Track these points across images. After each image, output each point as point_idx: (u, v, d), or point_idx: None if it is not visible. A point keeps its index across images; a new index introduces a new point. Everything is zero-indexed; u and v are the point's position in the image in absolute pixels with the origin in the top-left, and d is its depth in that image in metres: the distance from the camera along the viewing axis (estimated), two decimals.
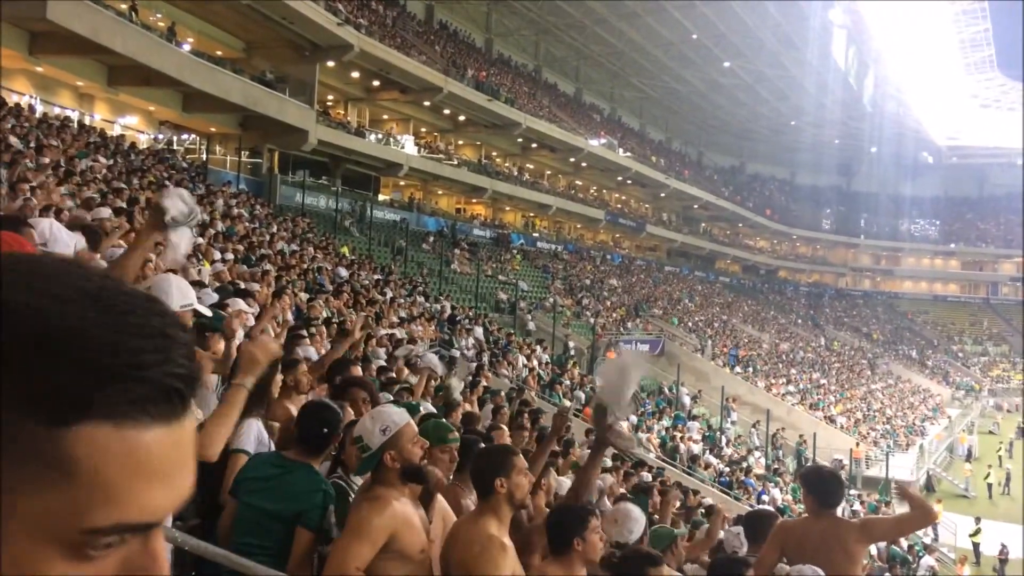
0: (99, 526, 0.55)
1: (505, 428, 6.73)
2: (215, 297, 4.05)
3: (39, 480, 0.53)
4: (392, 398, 5.88)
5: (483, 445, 4.14)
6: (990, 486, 31.35)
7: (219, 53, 26.81)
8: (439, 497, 3.54)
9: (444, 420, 4.34)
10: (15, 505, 0.53)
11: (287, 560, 3.11)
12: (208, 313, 3.34)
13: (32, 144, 13.84)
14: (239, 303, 5.84)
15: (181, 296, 2.97)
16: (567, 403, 18.39)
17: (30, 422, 0.53)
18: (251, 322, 6.08)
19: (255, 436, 3.54)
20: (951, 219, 75.73)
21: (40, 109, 20.49)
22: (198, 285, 6.59)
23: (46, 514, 0.54)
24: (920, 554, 20.56)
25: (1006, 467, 33.46)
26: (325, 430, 3.29)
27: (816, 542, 4.28)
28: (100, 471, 0.54)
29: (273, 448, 3.65)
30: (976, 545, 23.98)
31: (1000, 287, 71.61)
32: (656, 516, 6.72)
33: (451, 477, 4.02)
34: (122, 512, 0.56)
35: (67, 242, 3.58)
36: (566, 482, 5.77)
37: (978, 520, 24.55)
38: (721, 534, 6.46)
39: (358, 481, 3.47)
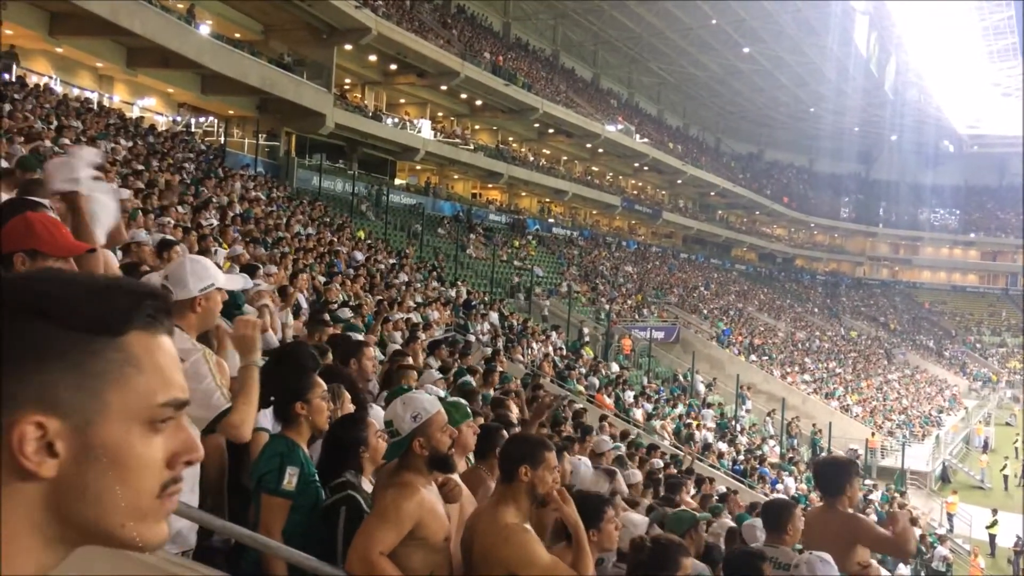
0: (164, 400, 0.85)
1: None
2: (248, 283, 4.03)
3: (123, 376, 0.83)
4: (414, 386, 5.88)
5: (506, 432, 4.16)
6: (1006, 478, 31.18)
7: (237, 36, 26.83)
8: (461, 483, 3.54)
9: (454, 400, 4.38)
10: (107, 399, 0.82)
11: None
12: (236, 287, 3.34)
13: (53, 125, 13.91)
14: (259, 284, 5.86)
15: (197, 280, 2.97)
16: (580, 389, 18.44)
17: (101, 337, 0.82)
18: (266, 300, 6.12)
19: (270, 416, 3.54)
20: (971, 208, 74.94)
21: (59, 90, 20.58)
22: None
23: (133, 398, 0.83)
24: (934, 544, 20.50)
25: (1022, 459, 33.25)
26: (272, 397, 3.25)
27: (819, 532, 4.43)
28: (156, 361, 0.86)
29: None
30: (992, 537, 23.88)
31: (1019, 278, 70.82)
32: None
33: (472, 459, 4.02)
34: (174, 390, 0.86)
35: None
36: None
37: (995, 512, 24.43)
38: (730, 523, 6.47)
39: (367, 484, 3.47)
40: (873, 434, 31.81)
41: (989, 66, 63.61)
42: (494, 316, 21.05)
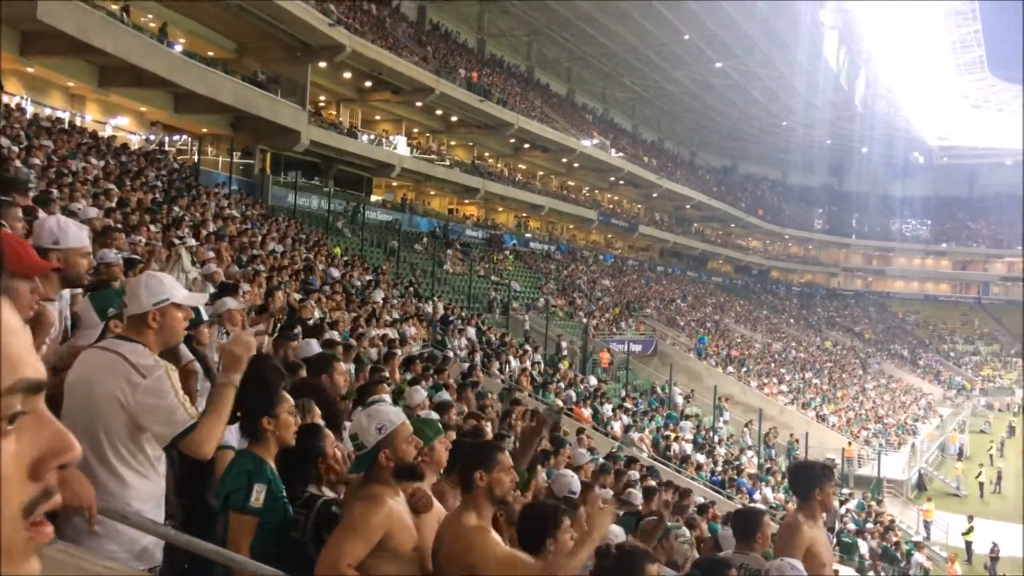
0: (8, 385, 0.61)
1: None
2: (205, 298, 4.07)
3: None
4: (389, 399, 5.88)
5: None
6: (981, 485, 31.46)
7: (210, 54, 26.77)
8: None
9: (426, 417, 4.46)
10: None
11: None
12: (194, 303, 3.34)
13: (23, 145, 13.81)
14: (228, 302, 5.85)
15: (151, 294, 2.98)
16: (559, 402, 18.45)
17: None
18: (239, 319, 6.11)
19: (236, 433, 3.55)
20: (942, 219, 76.06)
21: (31, 110, 20.43)
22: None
23: None
24: (911, 552, 20.66)
25: (997, 466, 33.63)
26: (238, 413, 3.26)
27: (778, 535, 4.56)
28: None
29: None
30: (968, 544, 24.08)
31: (991, 286, 71.94)
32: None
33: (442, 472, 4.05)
34: (21, 368, 0.62)
35: (78, 235, 3.61)
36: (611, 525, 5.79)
37: (971, 519, 24.67)
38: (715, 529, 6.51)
39: (328, 493, 3.52)
40: (850, 443, 32.03)
41: (957, 78, 64.74)
42: (471, 331, 21.07)
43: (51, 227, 3.53)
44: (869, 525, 21.92)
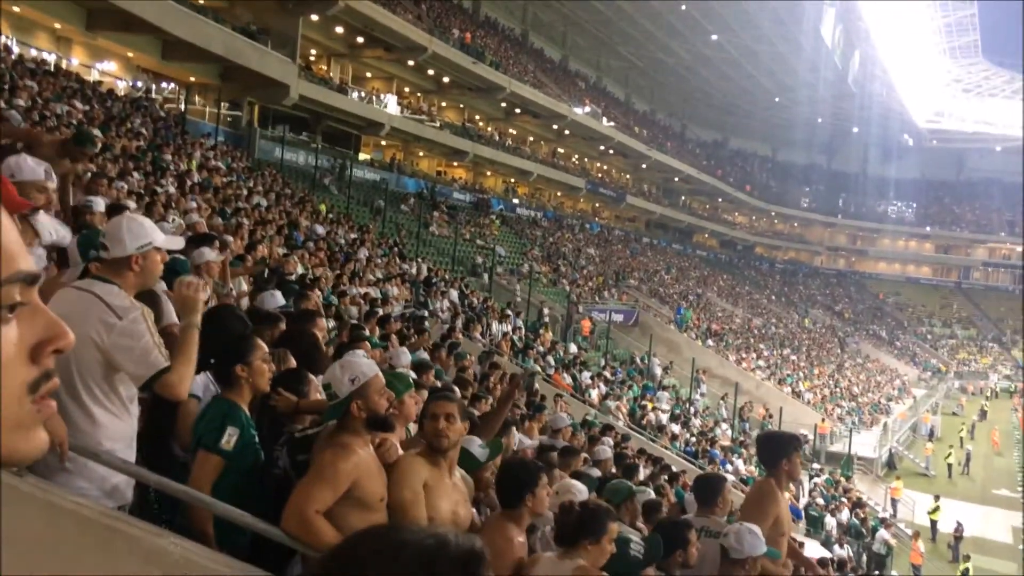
0: (6, 277, 0.67)
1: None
2: (182, 242, 4.10)
3: None
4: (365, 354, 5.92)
5: None
6: (950, 466, 31.97)
7: (201, 1, 26.32)
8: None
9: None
10: None
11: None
12: (175, 247, 3.40)
13: (6, 85, 13.62)
14: (206, 252, 5.85)
15: (134, 238, 3.01)
16: (537, 368, 18.56)
17: None
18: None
19: (202, 383, 3.61)
20: (927, 202, 76.40)
21: (16, 50, 20.09)
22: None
23: None
24: (876, 528, 21.05)
25: (967, 448, 34.14)
26: (212, 360, 3.30)
27: (746, 500, 4.70)
28: None
29: None
30: (934, 523, 24.55)
31: (972, 271, 72.54)
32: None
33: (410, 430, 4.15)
34: (16, 261, 0.69)
35: (34, 169, 3.66)
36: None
37: (937, 498, 25.13)
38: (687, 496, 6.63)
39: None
40: (823, 420, 32.45)
41: (950, 62, 64.72)
42: (454, 294, 21.09)
43: (7, 162, 3.60)
44: (838, 501, 22.30)
